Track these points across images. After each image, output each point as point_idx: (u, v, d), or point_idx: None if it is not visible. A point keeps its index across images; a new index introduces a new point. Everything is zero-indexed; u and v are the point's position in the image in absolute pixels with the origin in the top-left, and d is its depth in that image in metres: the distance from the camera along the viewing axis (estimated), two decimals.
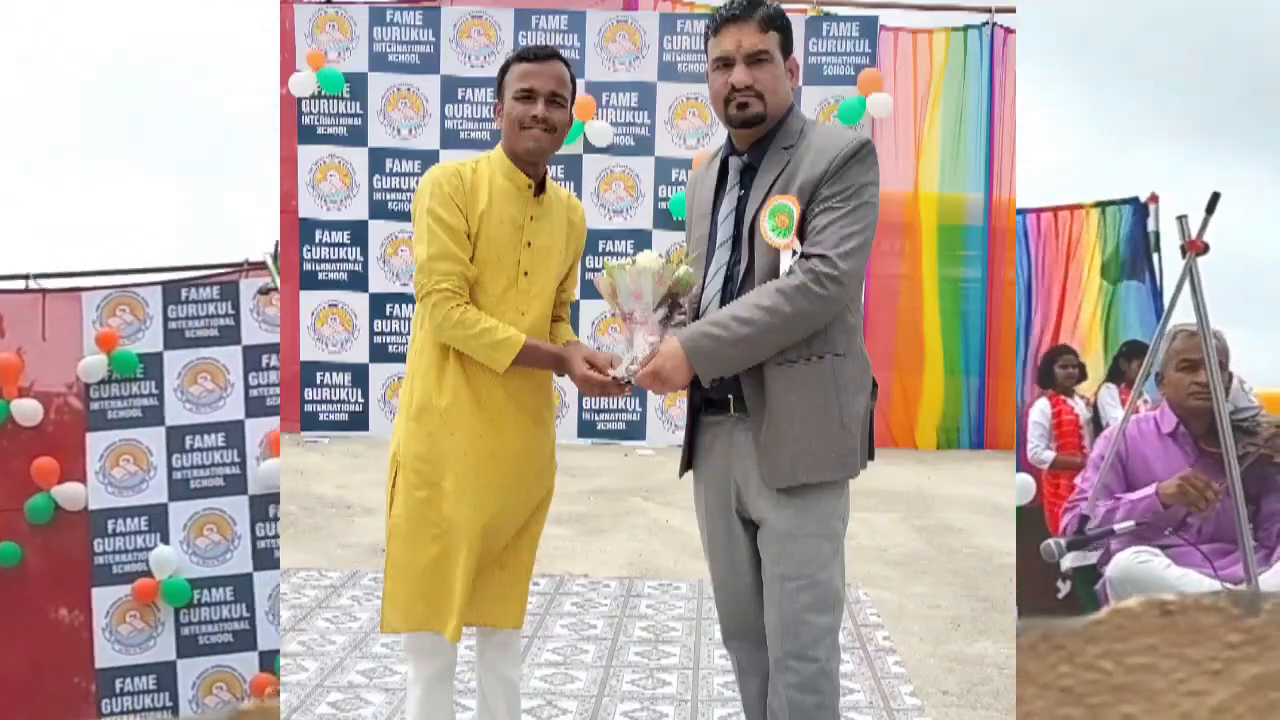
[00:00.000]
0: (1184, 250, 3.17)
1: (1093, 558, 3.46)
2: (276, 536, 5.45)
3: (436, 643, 2.40)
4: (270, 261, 4.69)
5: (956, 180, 8.33)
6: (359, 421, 8.13)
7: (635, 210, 8.10)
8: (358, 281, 8.13)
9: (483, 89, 7.98)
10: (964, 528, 5.71)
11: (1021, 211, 6.81)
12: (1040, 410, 6.02)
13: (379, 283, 8.12)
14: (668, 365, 2.09)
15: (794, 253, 2.08)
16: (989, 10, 8.24)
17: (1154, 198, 6.76)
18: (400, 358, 7.70)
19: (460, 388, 2.35)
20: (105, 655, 5.61)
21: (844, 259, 2.05)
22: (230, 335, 5.61)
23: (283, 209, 7.95)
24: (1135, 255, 6.93)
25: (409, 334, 2.51)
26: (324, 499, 6.03)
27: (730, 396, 2.18)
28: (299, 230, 8.05)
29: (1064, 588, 3.94)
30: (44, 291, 5.77)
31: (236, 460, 5.51)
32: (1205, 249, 3.13)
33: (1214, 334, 3.10)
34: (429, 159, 7.79)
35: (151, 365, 5.58)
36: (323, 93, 7.99)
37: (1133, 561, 3.11)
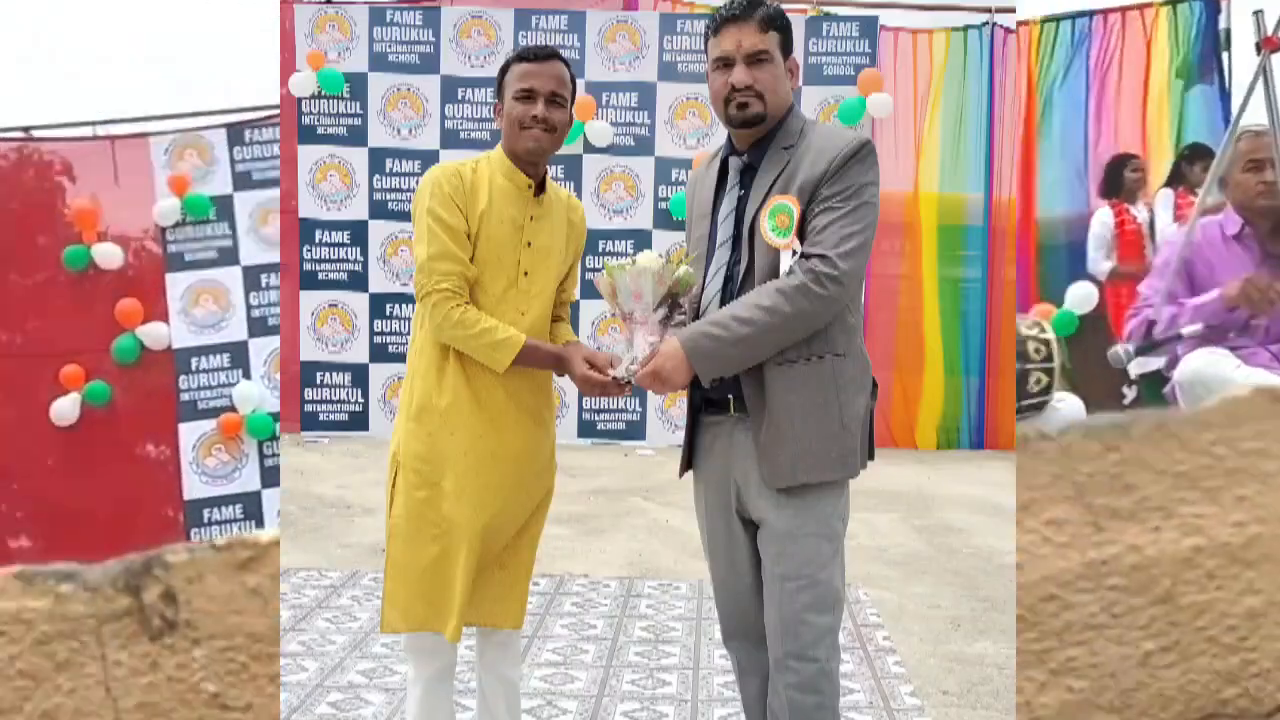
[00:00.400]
0: (1259, 47, 3.11)
1: (1158, 363, 3.42)
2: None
3: (436, 643, 2.40)
4: None
5: (956, 180, 8.32)
6: (359, 421, 8.13)
7: (635, 210, 8.10)
8: (358, 281, 8.13)
9: (483, 89, 7.97)
10: (964, 528, 5.70)
11: (1082, 14, 6.67)
12: (1101, 220, 5.93)
13: (379, 283, 8.12)
14: (668, 365, 2.09)
15: (794, 253, 2.08)
16: (989, 10, 8.23)
17: None
18: (400, 358, 7.70)
19: (460, 388, 2.35)
20: (193, 487, 5.75)
21: (844, 259, 2.05)
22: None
23: (283, 209, 7.93)
24: (1205, 55, 6.90)
25: (409, 334, 2.51)
26: (324, 499, 6.03)
27: (730, 396, 2.18)
28: (299, 230, 8.05)
29: (1130, 393, 3.87)
30: (112, 139, 5.85)
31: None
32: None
33: None
34: (429, 159, 7.79)
35: (223, 207, 5.66)
36: (323, 93, 7.98)
37: (1202, 363, 3.08)
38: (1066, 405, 3.47)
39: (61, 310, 5.72)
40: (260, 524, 5.59)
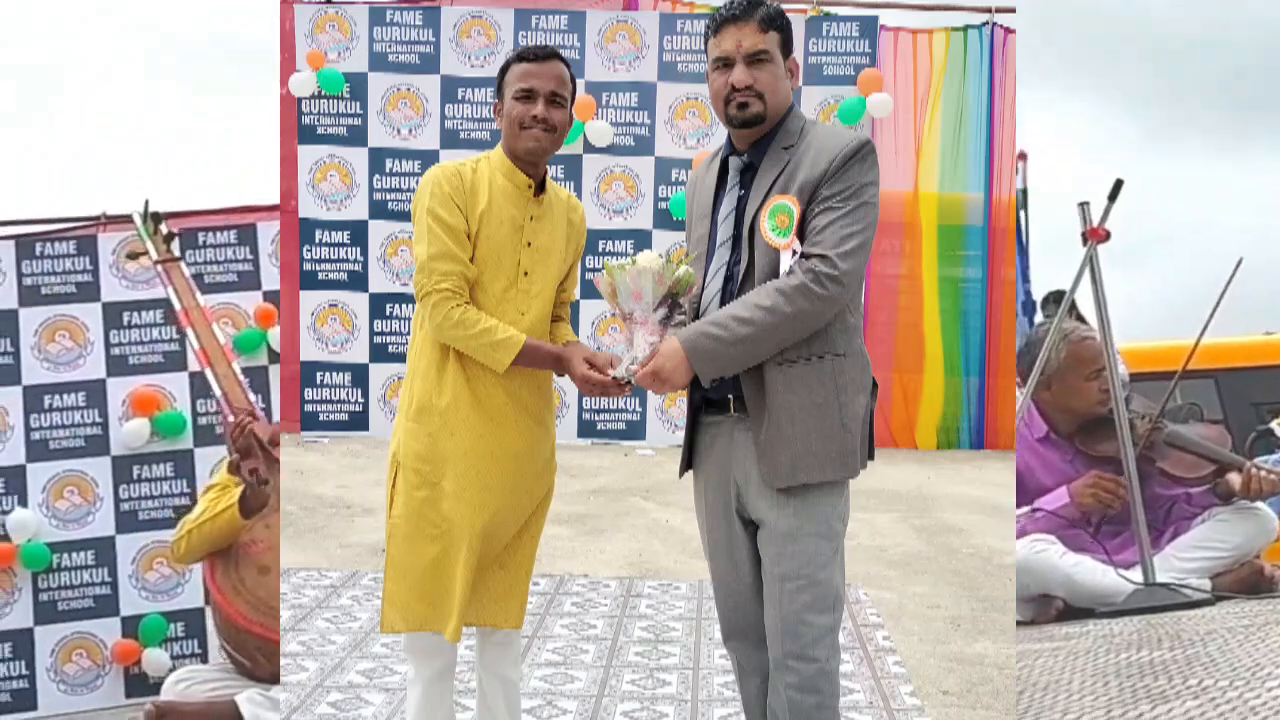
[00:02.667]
0: (1085, 238, 3.14)
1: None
2: (143, 499, 5.28)
3: (436, 643, 2.40)
4: (137, 219, 4.09)
5: (956, 180, 8.32)
6: (359, 421, 8.13)
7: (635, 210, 8.10)
8: (358, 281, 8.13)
9: (483, 89, 7.98)
10: (964, 528, 5.70)
11: None
12: None
13: (379, 283, 8.12)
14: (668, 365, 2.09)
15: (794, 253, 2.08)
16: (989, 10, 8.24)
17: (1022, 155, 6.72)
18: (400, 358, 7.70)
19: (460, 388, 2.35)
20: None
21: (844, 259, 2.05)
22: (89, 292, 5.44)
23: (283, 209, 7.93)
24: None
25: (409, 334, 2.51)
26: (324, 499, 6.03)
27: (730, 396, 2.18)
28: (299, 230, 8.05)
29: None
30: None
31: (98, 420, 5.32)
32: (1107, 236, 3.11)
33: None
34: (429, 159, 7.79)
35: (5, 323, 5.40)
36: (323, 93, 7.98)
37: (1029, 551, 3.15)
38: None
39: None
40: (31, 665, 5.25)
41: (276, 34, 8.16)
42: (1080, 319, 3.46)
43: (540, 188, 2.44)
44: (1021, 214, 6.78)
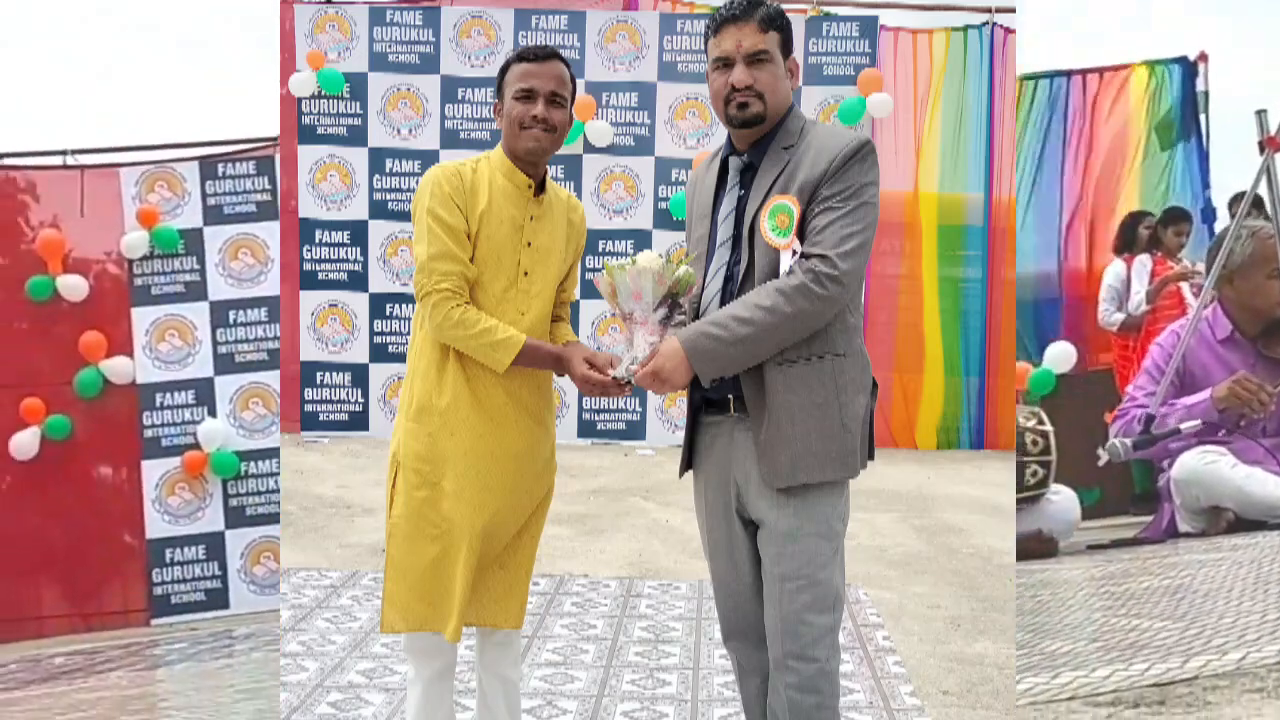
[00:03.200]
0: (1262, 147, 3.12)
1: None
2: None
3: (436, 643, 2.40)
4: None
5: (956, 180, 8.32)
6: (359, 421, 8.13)
7: (635, 210, 8.10)
8: (358, 281, 8.13)
9: (483, 89, 7.98)
10: (964, 528, 5.70)
11: (1060, 73, 6.74)
12: (1114, 273, 5.98)
13: (379, 283, 8.12)
14: (668, 365, 2.09)
15: (794, 253, 2.08)
16: (989, 10, 8.24)
17: (1203, 56, 6.71)
18: (400, 358, 7.70)
19: (460, 388, 2.35)
20: (155, 526, 5.69)
21: (844, 259, 2.06)
22: (268, 210, 5.65)
23: (283, 209, 7.93)
24: (1185, 117, 6.98)
25: (409, 334, 2.51)
26: (324, 499, 6.02)
27: (730, 396, 2.18)
28: (299, 230, 8.04)
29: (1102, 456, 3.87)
30: (82, 168, 5.77)
31: (278, 335, 5.57)
32: None
33: None
34: (429, 159, 7.79)
35: (192, 241, 5.59)
36: (323, 93, 7.98)
37: (1199, 462, 3.12)
38: (1061, 498, 3.54)
39: (22, 340, 5.61)
40: (223, 566, 5.56)
41: (276, 34, 8.16)
42: (1267, 219, 3.40)
43: (540, 188, 2.44)
44: (1202, 117, 6.84)
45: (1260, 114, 3.12)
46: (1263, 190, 3.16)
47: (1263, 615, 2.23)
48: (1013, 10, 8.14)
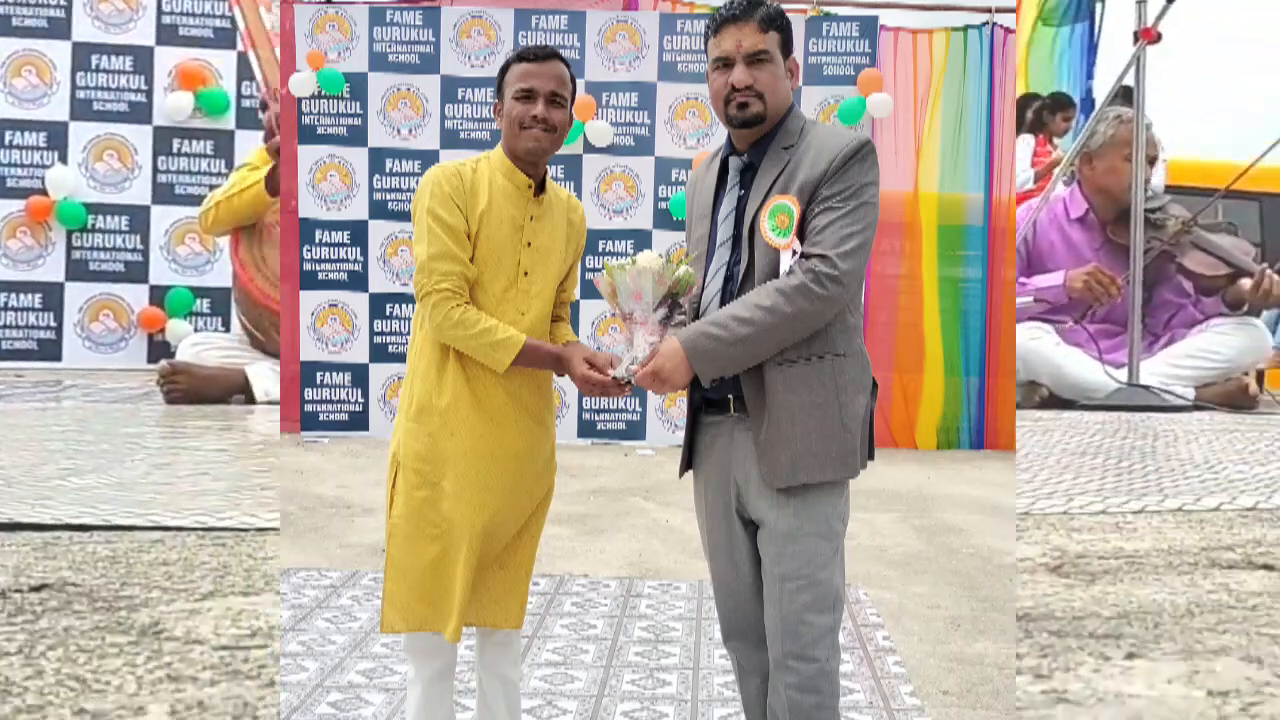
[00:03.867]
0: (1136, 36, 3.17)
1: None
2: (181, 173, 5.21)
3: (436, 643, 2.40)
4: None
5: (956, 180, 8.32)
6: (359, 421, 8.13)
7: (635, 210, 8.10)
8: (358, 281, 8.13)
9: (483, 89, 7.98)
10: (964, 528, 5.70)
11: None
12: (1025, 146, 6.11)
13: (379, 283, 8.12)
14: (668, 365, 2.09)
15: (794, 253, 2.09)
16: (989, 10, 8.24)
17: None
18: (400, 358, 7.70)
19: (460, 388, 2.35)
20: None
21: (844, 259, 2.06)
22: None
23: (283, 209, 7.94)
24: (1078, 4, 7.08)
25: (409, 334, 2.51)
26: (324, 499, 6.02)
27: (730, 396, 2.18)
28: (299, 230, 8.04)
29: None
30: None
31: (143, 88, 5.28)
32: (1158, 38, 3.14)
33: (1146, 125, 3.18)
34: (429, 159, 7.79)
35: None
36: (323, 93, 7.98)
37: (1024, 337, 3.20)
38: None
39: None
40: (59, 318, 5.28)
41: (277, 34, 8.15)
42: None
43: (540, 188, 2.45)
44: (1098, 7, 6.95)
45: (1140, 3, 3.15)
46: (1130, 79, 3.21)
47: (1074, 477, 2.66)
48: (1013, 10, 8.14)
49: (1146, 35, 3.15)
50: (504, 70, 2.42)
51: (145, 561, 2.35)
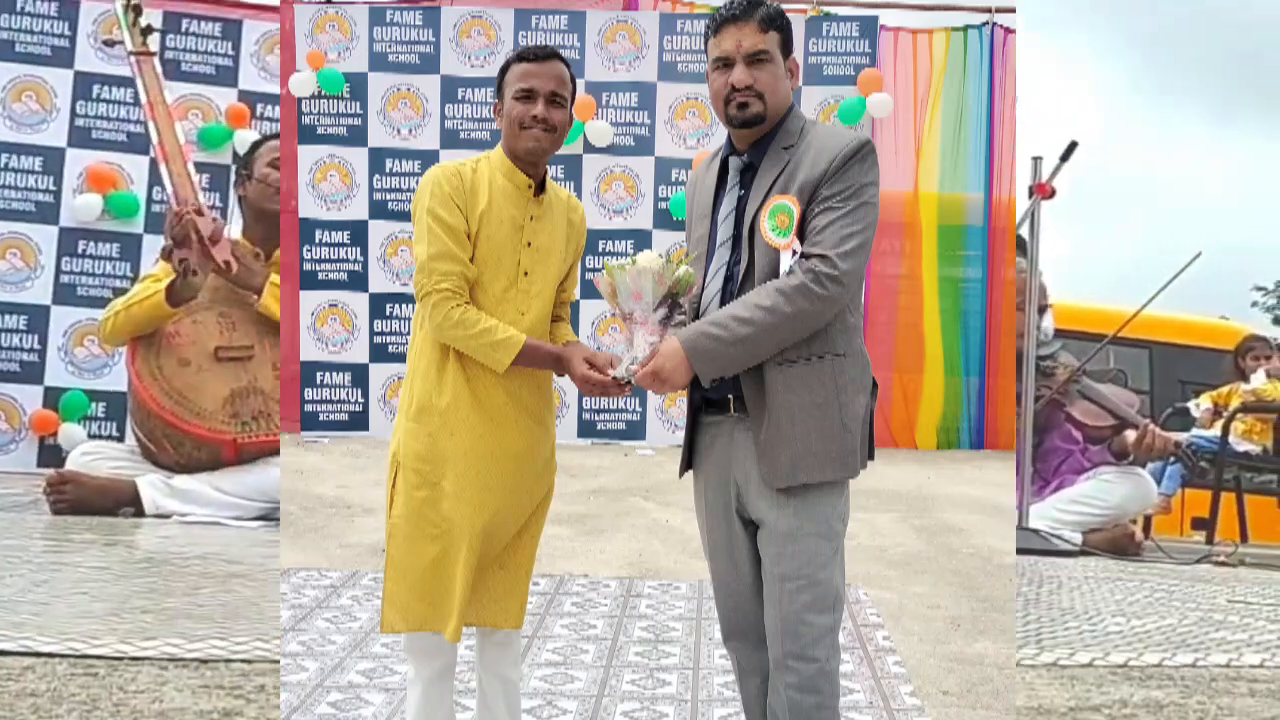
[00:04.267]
0: (1031, 191, 3.25)
1: None
2: (84, 274, 5.14)
3: (436, 643, 2.40)
4: (118, 7, 4.16)
5: (956, 180, 8.33)
6: (359, 421, 8.13)
7: (635, 210, 8.10)
8: (358, 281, 8.13)
9: (483, 89, 7.97)
10: (964, 528, 5.70)
11: None
12: None
13: (379, 283, 8.12)
14: (668, 365, 2.09)
15: (794, 253, 2.09)
16: (989, 10, 8.24)
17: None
18: (400, 358, 7.70)
19: (460, 388, 2.35)
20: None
21: (844, 259, 2.06)
22: (63, 57, 5.26)
23: (283, 209, 7.91)
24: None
25: (409, 334, 2.51)
26: (324, 499, 6.03)
27: (730, 396, 2.18)
28: (299, 230, 8.04)
29: None
30: None
31: (52, 188, 5.21)
32: (1052, 194, 3.22)
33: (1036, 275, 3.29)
34: (429, 159, 7.78)
35: None
36: (323, 93, 7.98)
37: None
38: None
39: None
40: (43, 340, 5.19)
41: (276, 34, 8.14)
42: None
43: (540, 188, 2.45)
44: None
45: (1036, 160, 3.26)
46: (1024, 231, 3.31)
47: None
48: (1013, 10, 8.15)
49: (1041, 191, 3.25)
50: (504, 70, 2.42)
51: (12, 692, 2.22)
